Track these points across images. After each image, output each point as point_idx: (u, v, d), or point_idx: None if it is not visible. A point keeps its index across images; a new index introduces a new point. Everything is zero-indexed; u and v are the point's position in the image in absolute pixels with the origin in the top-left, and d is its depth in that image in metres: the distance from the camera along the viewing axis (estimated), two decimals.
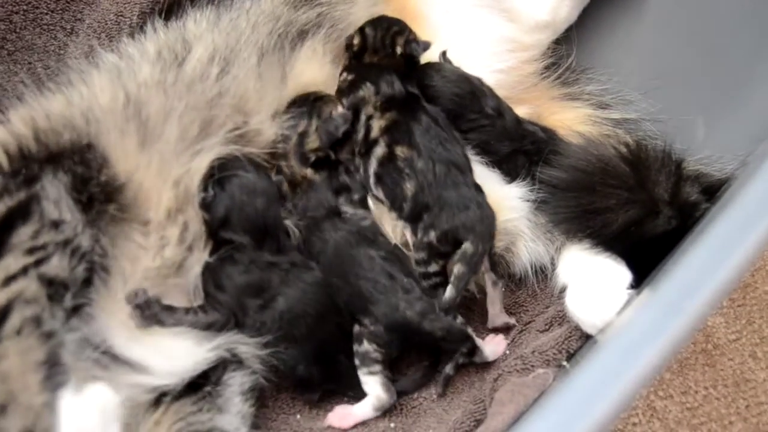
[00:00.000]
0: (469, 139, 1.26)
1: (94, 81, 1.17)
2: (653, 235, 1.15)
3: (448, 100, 1.26)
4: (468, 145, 1.25)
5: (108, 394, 0.96)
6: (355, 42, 1.29)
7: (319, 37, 1.29)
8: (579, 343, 1.13)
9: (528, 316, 1.26)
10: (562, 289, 1.19)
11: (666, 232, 1.14)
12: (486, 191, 1.20)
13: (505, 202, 1.24)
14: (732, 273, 0.76)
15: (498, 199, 1.22)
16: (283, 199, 1.21)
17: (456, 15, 1.36)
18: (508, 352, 1.20)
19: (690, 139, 1.28)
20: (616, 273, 1.13)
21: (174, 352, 1.10)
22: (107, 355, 1.04)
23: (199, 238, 1.15)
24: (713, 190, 1.19)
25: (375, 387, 1.15)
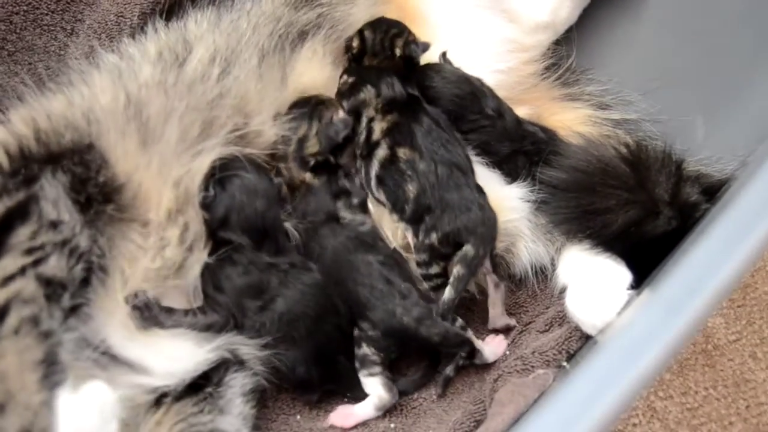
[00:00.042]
0: (470, 140, 1.26)
1: (95, 81, 1.17)
2: (653, 235, 1.15)
3: (448, 101, 1.26)
4: (468, 145, 1.25)
5: (106, 391, 0.96)
6: (355, 45, 1.29)
7: (319, 38, 1.29)
8: (579, 343, 1.13)
9: (528, 317, 1.26)
10: (562, 290, 1.19)
11: (666, 233, 1.14)
12: (486, 192, 1.20)
13: (505, 202, 1.24)
14: (732, 274, 0.76)
15: (498, 200, 1.22)
16: (283, 201, 1.21)
17: (456, 15, 1.36)
18: (508, 352, 1.20)
19: (690, 139, 1.29)
20: (616, 273, 1.13)
21: (174, 353, 1.10)
22: (106, 355, 1.05)
23: (200, 239, 1.15)
24: (713, 191, 1.19)
25: (376, 387, 1.16)
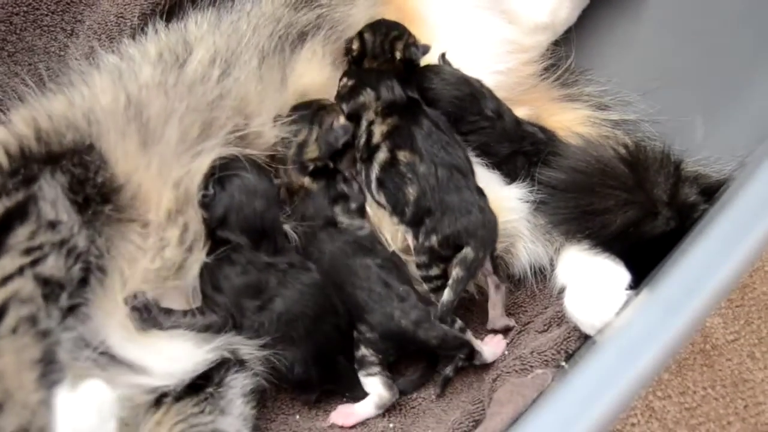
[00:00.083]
0: (469, 141, 1.26)
1: (95, 82, 1.17)
2: (652, 235, 1.15)
3: (447, 102, 1.26)
4: (468, 147, 1.25)
5: (104, 390, 0.96)
6: (355, 47, 1.29)
7: (319, 38, 1.29)
8: (578, 343, 1.13)
9: (527, 317, 1.26)
10: (561, 290, 1.19)
11: (665, 233, 1.14)
12: (485, 193, 1.20)
13: (504, 203, 1.24)
14: (730, 274, 0.76)
15: (497, 201, 1.22)
16: (283, 202, 1.21)
17: (455, 16, 1.36)
18: (506, 352, 1.20)
19: (689, 140, 1.29)
20: (615, 274, 1.13)
21: (173, 354, 1.10)
22: (105, 355, 1.05)
23: (199, 240, 1.15)
24: (712, 191, 1.19)
25: (376, 386, 1.16)
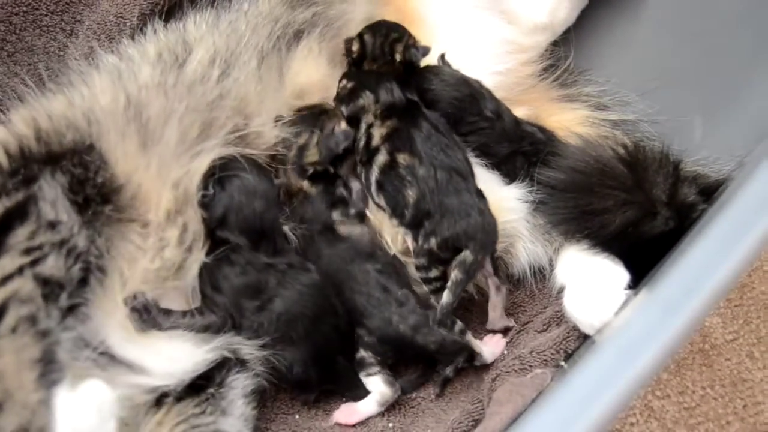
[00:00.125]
0: (469, 142, 1.26)
1: (94, 82, 1.17)
2: (651, 235, 1.15)
3: (447, 103, 1.26)
4: (467, 147, 1.25)
5: (104, 390, 0.96)
6: (354, 49, 1.28)
7: (314, 36, 1.28)
8: (577, 343, 1.13)
9: (526, 317, 1.26)
10: (560, 290, 1.19)
11: (663, 233, 1.14)
12: (485, 193, 1.20)
13: (503, 203, 1.24)
14: (729, 273, 0.76)
15: (497, 201, 1.22)
16: (282, 203, 1.21)
17: (454, 17, 1.36)
18: (506, 352, 1.20)
19: (687, 140, 1.28)
20: (614, 273, 1.13)
21: (172, 354, 1.10)
22: (105, 355, 1.04)
23: (198, 240, 1.15)
24: (710, 191, 1.19)
25: (377, 384, 1.17)
